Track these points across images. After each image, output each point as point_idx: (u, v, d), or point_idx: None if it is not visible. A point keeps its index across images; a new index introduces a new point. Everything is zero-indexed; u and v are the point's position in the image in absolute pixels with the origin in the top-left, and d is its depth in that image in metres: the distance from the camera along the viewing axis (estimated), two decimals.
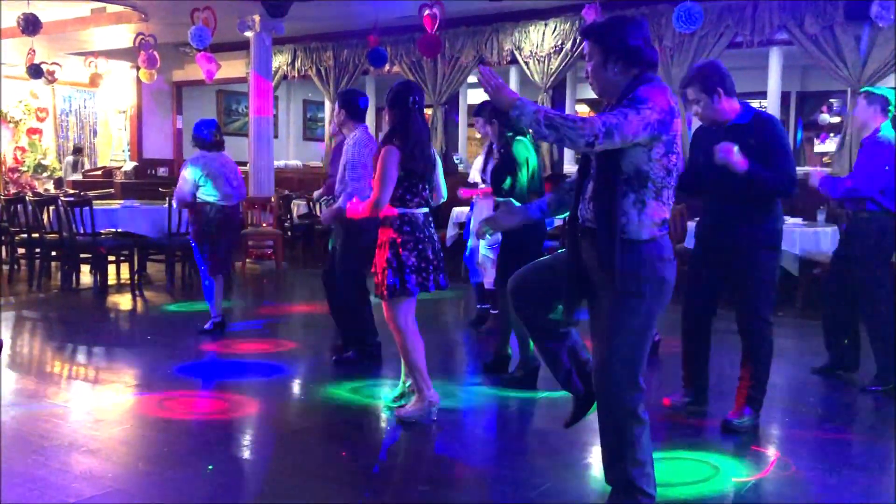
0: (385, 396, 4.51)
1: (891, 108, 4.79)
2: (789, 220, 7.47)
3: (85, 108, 14.80)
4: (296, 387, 5.05)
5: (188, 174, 5.94)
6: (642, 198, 2.74)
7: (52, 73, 11.71)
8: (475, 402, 4.65)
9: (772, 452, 3.91)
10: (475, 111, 5.91)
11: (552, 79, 9.89)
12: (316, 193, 6.11)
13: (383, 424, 4.24)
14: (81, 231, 7.85)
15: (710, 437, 4.03)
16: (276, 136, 12.42)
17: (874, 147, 4.72)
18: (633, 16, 3.76)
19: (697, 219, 4.46)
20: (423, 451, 3.89)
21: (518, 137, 4.82)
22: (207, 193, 5.97)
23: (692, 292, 4.26)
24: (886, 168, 4.64)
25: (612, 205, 2.72)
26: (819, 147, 14.25)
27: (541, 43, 9.91)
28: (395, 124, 4.02)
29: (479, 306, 6.51)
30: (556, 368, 3.19)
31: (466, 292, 6.59)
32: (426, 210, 4.10)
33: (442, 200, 4.34)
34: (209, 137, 6.03)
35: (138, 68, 11.34)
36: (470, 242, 6.34)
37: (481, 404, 4.61)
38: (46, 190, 12.03)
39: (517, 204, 4.52)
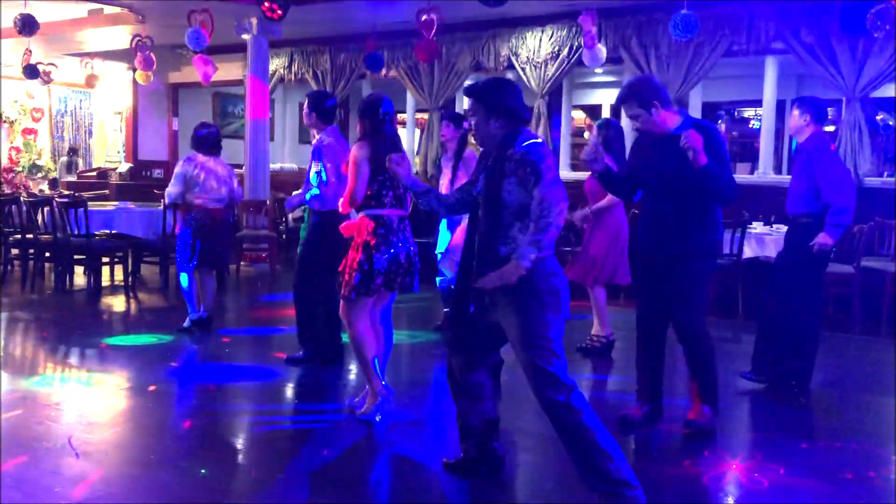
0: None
1: (823, 116, 4.84)
2: (784, 229, 7.47)
3: (81, 108, 14.77)
4: (288, 390, 5.04)
5: (178, 173, 6.12)
6: (527, 225, 3.02)
7: (48, 74, 11.68)
8: None
9: (758, 459, 3.92)
10: (448, 115, 5.94)
11: (548, 85, 9.92)
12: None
13: (374, 428, 4.24)
14: (76, 232, 7.84)
15: (690, 444, 4.04)
16: (271, 139, 12.41)
17: (828, 158, 4.77)
18: (510, 79, 4.07)
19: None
20: (415, 456, 3.88)
21: None
22: (197, 195, 6.08)
23: (641, 302, 4.27)
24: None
25: (497, 233, 3.08)
26: None
27: (537, 49, 9.93)
28: (366, 132, 4.14)
29: (445, 310, 6.47)
30: (463, 427, 3.45)
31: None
32: (402, 213, 4.15)
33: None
34: (208, 140, 6.18)
35: (134, 70, 11.32)
36: (440, 247, 6.26)
37: None
38: (41, 191, 11.99)
39: None
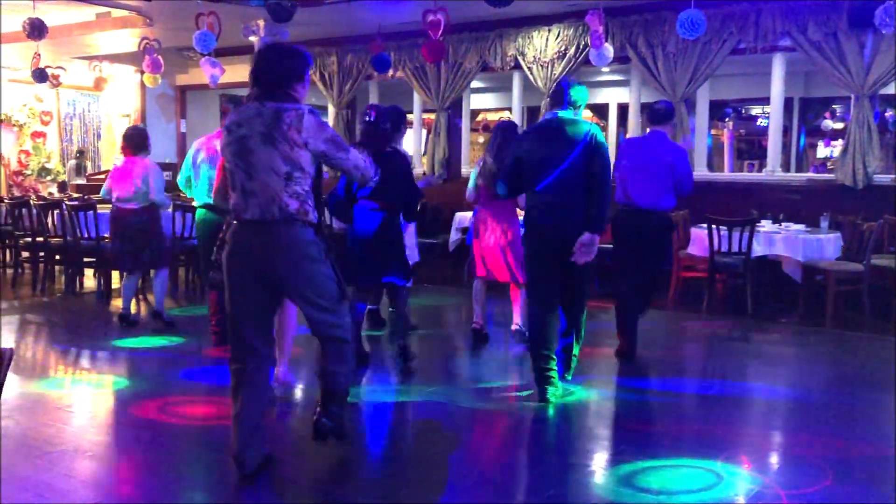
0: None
1: None
2: (792, 227, 7.47)
3: (89, 111, 14.83)
4: (298, 391, 5.05)
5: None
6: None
7: (56, 77, 11.72)
8: (481, 407, 4.65)
9: (775, 460, 3.91)
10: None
11: (555, 84, 9.89)
12: None
13: (386, 428, 4.25)
14: (85, 235, 7.88)
15: (713, 447, 4.03)
16: None
17: None
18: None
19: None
20: (428, 456, 3.89)
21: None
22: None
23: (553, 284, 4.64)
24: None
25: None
26: (823, 152, 14.27)
27: (544, 48, 9.93)
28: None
29: None
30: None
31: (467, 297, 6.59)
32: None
33: None
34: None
35: (142, 72, 11.36)
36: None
37: (487, 410, 4.61)
38: (50, 194, 12.03)
39: None
